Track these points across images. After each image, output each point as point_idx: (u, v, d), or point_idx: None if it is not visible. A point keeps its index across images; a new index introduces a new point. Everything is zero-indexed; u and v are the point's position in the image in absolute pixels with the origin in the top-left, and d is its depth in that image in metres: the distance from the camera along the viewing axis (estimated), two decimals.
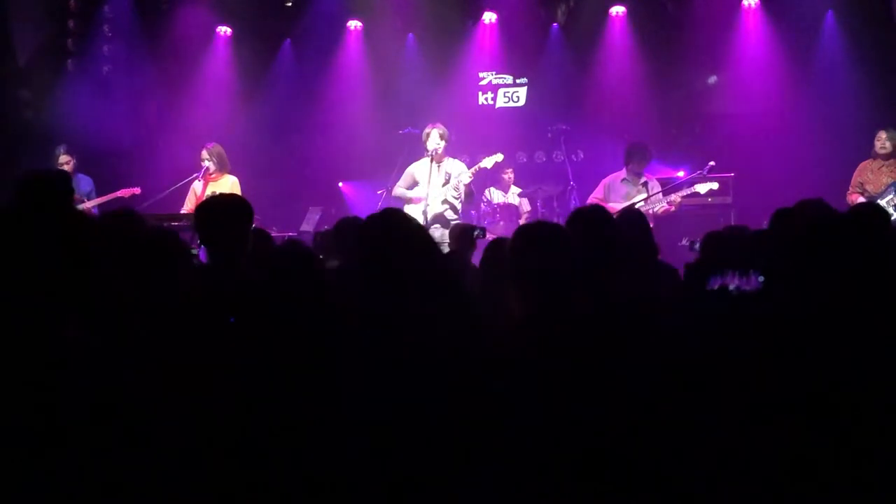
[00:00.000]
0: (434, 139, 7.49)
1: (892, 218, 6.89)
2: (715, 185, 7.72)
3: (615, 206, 7.66)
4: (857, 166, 7.60)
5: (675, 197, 7.69)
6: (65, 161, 8.04)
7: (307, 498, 2.26)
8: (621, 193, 7.93)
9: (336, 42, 10.33)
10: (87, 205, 7.86)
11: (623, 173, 8.01)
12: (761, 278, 2.68)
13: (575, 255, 2.42)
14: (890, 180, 7.25)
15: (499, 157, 7.89)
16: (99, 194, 8.07)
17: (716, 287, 2.70)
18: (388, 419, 2.23)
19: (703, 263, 3.37)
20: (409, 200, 7.55)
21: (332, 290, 2.72)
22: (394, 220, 2.84)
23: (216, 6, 9.99)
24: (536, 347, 2.30)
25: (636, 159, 7.90)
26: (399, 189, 7.72)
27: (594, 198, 8.06)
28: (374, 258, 2.68)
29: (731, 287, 2.69)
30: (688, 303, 2.91)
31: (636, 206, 7.34)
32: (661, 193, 7.77)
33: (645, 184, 7.93)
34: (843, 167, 7.91)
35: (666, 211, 7.68)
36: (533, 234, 2.53)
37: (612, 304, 2.56)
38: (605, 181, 8.09)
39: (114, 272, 2.95)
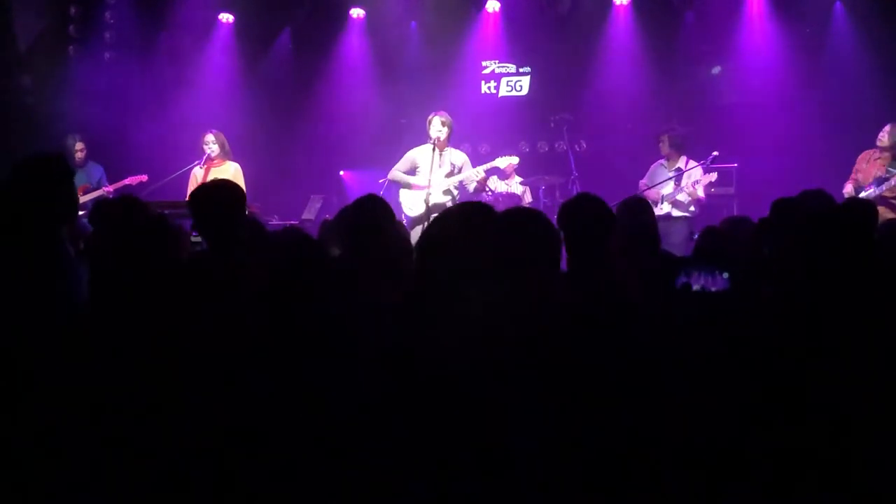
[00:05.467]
0: (436, 126, 7.42)
1: None
2: (713, 177, 7.67)
3: (651, 193, 7.66)
4: None
5: (697, 188, 7.63)
6: (78, 148, 8.14)
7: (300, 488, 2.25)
8: (656, 179, 7.91)
9: (338, 30, 10.30)
10: (98, 193, 7.89)
11: (663, 159, 7.99)
12: (726, 275, 2.65)
13: (556, 241, 2.40)
14: (879, 173, 7.17)
15: (514, 160, 7.80)
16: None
17: (679, 286, 2.68)
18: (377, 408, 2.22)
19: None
20: (409, 186, 7.48)
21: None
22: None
23: None
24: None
25: (664, 145, 7.88)
26: (397, 173, 7.59)
27: (642, 183, 8.00)
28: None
29: (696, 286, 2.66)
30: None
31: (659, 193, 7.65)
32: (673, 181, 7.74)
33: (679, 170, 7.88)
34: (848, 158, 7.85)
35: (695, 201, 7.63)
36: (511, 220, 2.54)
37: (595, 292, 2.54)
38: (652, 166, 8.07)
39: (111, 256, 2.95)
